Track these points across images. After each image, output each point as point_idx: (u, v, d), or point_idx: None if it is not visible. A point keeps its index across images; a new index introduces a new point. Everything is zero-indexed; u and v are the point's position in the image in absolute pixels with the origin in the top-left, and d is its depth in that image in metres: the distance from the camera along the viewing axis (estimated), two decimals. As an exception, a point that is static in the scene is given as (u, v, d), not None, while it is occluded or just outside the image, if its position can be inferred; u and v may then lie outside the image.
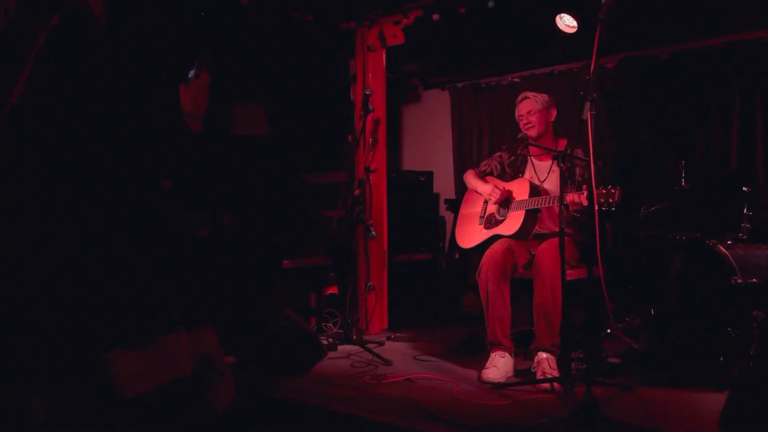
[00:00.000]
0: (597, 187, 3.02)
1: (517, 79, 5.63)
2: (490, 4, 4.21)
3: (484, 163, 3.96)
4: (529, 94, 3.76)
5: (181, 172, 2.09)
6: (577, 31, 4.65)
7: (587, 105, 2.53)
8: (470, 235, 3.82)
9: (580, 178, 3.53)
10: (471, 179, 3.88)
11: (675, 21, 4.72)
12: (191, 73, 2.09)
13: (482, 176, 3.89)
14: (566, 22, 4.66)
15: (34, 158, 1.56)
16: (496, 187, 3.66)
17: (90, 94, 1.65)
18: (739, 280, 3.37)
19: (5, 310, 1.58)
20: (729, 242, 3.55)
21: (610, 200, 2.98)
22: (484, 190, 3.75)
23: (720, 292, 3.47)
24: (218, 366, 1.92)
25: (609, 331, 3.98)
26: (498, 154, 3.92)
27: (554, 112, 3.74)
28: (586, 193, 3.16)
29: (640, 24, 4.69)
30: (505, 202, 3.66)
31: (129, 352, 1.68)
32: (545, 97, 3.74)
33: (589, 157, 2.83)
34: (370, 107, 4.29)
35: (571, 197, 3.25)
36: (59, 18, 1.57)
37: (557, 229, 3.52)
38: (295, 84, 5.52)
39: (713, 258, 3.55)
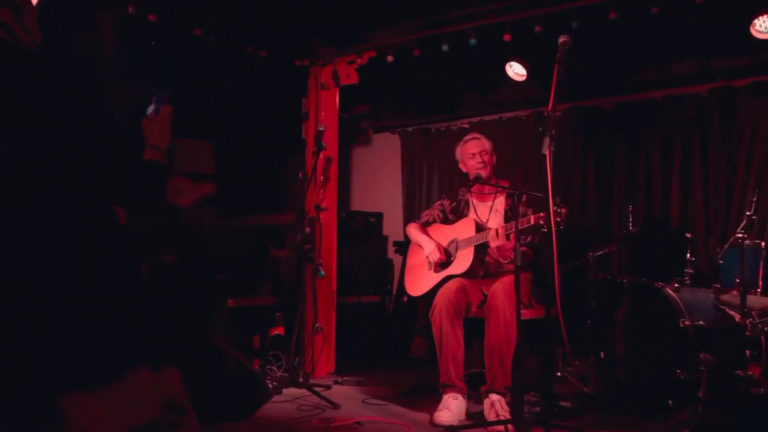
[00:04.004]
0: (542, 210, 3.04)
1: (467, 125, 5.71)
2: (445, 47, 4.26)
3: (425, 213, 3.99)
4: (477, 134, 3.84)
5: (133, 206, 2.03)
6: (526, 79, 4.79)
7: (546, 140, 2.54)
8: (421, 282, 3.77)
9: (527, 217, 3.54)
10: (414, 233, 3.89)
11: (618, 74, 4.93)
12: (152, 108, 2.13)
13: (425, 226, 3.90)
14: (516, 71, 4.79)
15: None
16: (436, 250, 3.67)
17: (26, 117, 1.61)
18: (687, 323, 3.41)
19: None
20: (676, 285, 3.62)
21: (558, 219, 2.97)
22: (426, 246, 3.75)
23: (668, 334, 3.51)
24: (183, 408, 1.79)
25: (559, 374, 3.96)
26: (439, 202, 3.97)
27: (495, 158, 3.81)
28: (533, 217, 3.15)
29: (587, 76, 4.87)
30: (452, 244, 3.66)
31: (87, 397, 1.54)
32: (489, 141, 3.82)
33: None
34: (323, 145, 4.24)
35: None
36: None
37: (507, 267, 3.53)
38: (245, 121, 5.45)
39: (661, 301, 3.59)
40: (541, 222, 3.05)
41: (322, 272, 4.43)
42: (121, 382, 1.64)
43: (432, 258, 3.67)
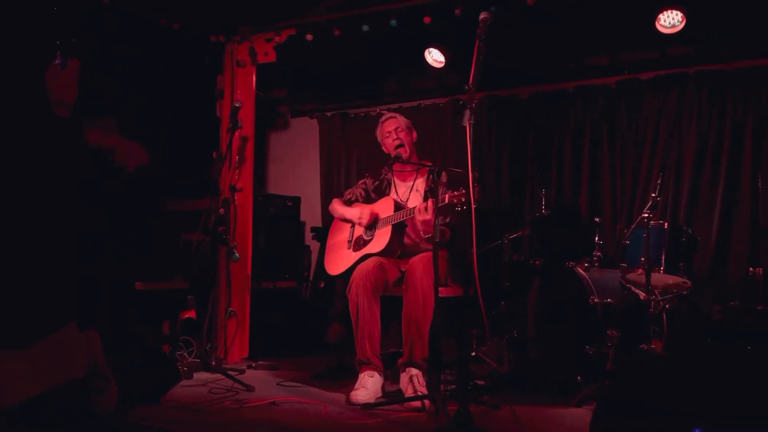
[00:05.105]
0: (456, 189, 3.06)
1: (386, 111, 5.68)
2: (365, 28, 4.22)
3: (348, 192, 3.96)
4: (393, 113, 3.87)
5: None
6: (444, 66, 4.82)
7: (467, 113, 2.55)
8: (340, 260, 3.73)
9: (443, 197, 3.56)
10: (337, 207, 3.86)
11: (534, 65, 5.05)
12: (57, 61, 2.01)
13: (348, 204, 3.87)
14: (434, 57, 4.82)
15: None
16: (365, 210, 3.65)
17: None
18: (596, 300, 3.54)
19: None
20: (586, 265, 3.74)
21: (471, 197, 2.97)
22: (352, 214, 3.72)
23: (578, 313, 3.62)
24: (103, 369, 1.72)
25: (474, 354, 4.01)
26: (362, 181, 3.95)
27: (415, 135, 3.82)
28: (448, 195, 3.14)
29: (504, 66, 4.95)
30: (372, 223, 3.64)
31: (7, 353, 1.46)
32: (407, 119, 3.84)
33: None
34: (239, 122, 4.11)
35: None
36: None
37: (424, 246, 3.55)
38: (158, 100, 5.20)
39: (571, 280, 3.71)
40: (455, 201, 3.06)
41: (237, 255, 4.30)
42: (46, 340, 1.59)
43: (362, 221, 3.62)
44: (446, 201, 3.11)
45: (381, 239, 3.52)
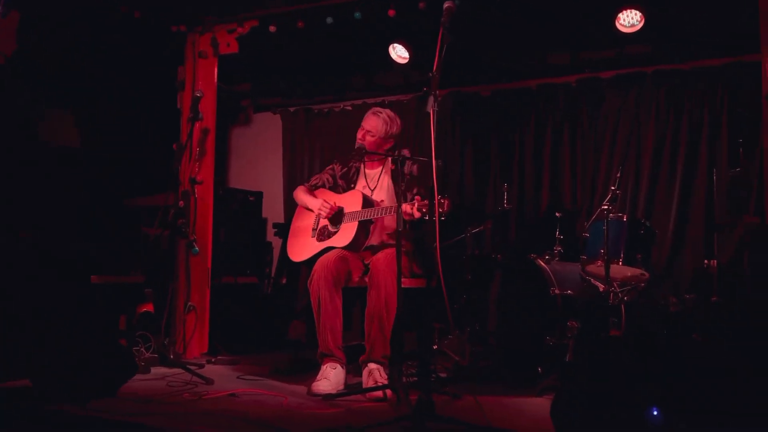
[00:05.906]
0: (427, 198, 3.01)
1: (350, 107, 5.69)
2: (329, 20, 4.20)
3: (315, 177, 3.86)
4: (380, 111, 3.61)
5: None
6: (408, 62, 4.82)
7: (431, 99, 2.55)
8: (302, 248, 3.66)
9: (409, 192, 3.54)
10: (301, 195, 3.74)
11: (497, 63, 5.10)
12: None
13: (313, 190, 3.78)
14: (399, 53, 4.82)
15: None
16: (326, 202, 3.54)
17: None
18: (557, 291, 3.58)
19: None
20: (546, 257, 3.78)
21: (440, 210, 2.96)
22: (313, 205, 3.61)
23: (539, 304, 3.66)
24: None
25: (436, 347, 4.01)
26: (330, 167, 3.83)
27: (390, 144, 3.59)
28: (417, 204, 3.14)
29: (466, 63, 4.99)
30: (338, 214, 3.58)
31: None
32: (392, 125, 3.56)
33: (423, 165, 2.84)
34: (200, 113, 4.03)
35: (403, 207, 3.20)
36: None
37: (389, 241, 3.54)
38: (116, 91, 5.09)
39: (533, 272, 3.74)
40: (424, 210, 3.01)
41: (196, 249, 4.22)
42: None
43: (323, 213, 3.53)
44: (416, 215, 3.08)
45: (346, 234, 3.46)
